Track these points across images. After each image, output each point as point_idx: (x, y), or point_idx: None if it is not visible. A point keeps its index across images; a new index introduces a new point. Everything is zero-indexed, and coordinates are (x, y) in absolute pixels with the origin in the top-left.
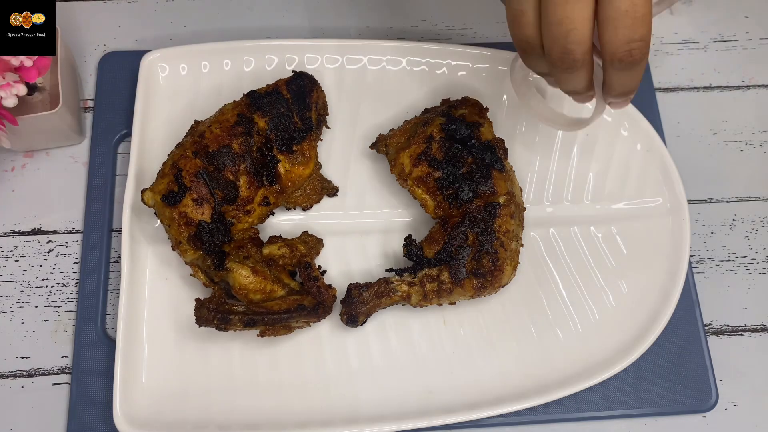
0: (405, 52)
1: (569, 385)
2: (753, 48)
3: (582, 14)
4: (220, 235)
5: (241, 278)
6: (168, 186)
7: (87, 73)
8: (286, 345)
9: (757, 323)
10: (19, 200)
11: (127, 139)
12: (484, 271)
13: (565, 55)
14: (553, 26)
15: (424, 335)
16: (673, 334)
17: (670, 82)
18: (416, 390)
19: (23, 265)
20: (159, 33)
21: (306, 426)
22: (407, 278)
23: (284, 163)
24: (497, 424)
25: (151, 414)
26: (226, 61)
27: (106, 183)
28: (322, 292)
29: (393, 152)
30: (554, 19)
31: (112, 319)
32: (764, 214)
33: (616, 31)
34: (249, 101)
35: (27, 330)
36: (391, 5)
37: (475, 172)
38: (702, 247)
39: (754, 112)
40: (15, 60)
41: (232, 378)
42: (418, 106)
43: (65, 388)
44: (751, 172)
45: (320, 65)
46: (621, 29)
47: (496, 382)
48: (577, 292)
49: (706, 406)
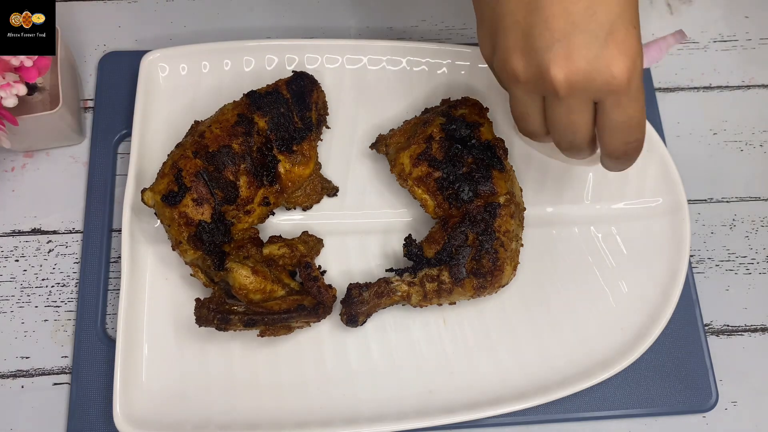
0: (405, 52)
1: (569, 385)
2: (753, 48)
3: (585, 120)
4: (220, 235)
5: (241, 278)
6: (168, 186)
7: (87, 73)
8: (286, 345)
9: (757, 323)
10: (19, 200)
11: (127, 139)
12: (484, 271)
13: (573, 148)
14: (560, 129)
15: (424, 335)
16: (673, 334)
17: (670, 82)
18: (416, 390)
19: (23, 265)
20: (159, 33)
21: (306, 426)
22: (407, 278)
23: (284, 163)
24: (497, 424)
25: (151, 414)
26: (226, 61)
27: (106, 183)
28: (322, 292)
29: (393, 152)
30: (560, 126)
31: (112, 319)
32: (764, 214)
33: (613, 137)
34: (249, 101)
35: (27, 330)
36: (391, 5)
37: (475, 172)
38: (702, 247)
39: (754, 112)
40: (15, 60)
41: (232, 378)
42: (418, 106)
43: (65, 388)
44: (751, 172)
45: (320, 65)
46: (618, 136)
47: (496, 382)
48: (577, 292)
49: (706, 406)
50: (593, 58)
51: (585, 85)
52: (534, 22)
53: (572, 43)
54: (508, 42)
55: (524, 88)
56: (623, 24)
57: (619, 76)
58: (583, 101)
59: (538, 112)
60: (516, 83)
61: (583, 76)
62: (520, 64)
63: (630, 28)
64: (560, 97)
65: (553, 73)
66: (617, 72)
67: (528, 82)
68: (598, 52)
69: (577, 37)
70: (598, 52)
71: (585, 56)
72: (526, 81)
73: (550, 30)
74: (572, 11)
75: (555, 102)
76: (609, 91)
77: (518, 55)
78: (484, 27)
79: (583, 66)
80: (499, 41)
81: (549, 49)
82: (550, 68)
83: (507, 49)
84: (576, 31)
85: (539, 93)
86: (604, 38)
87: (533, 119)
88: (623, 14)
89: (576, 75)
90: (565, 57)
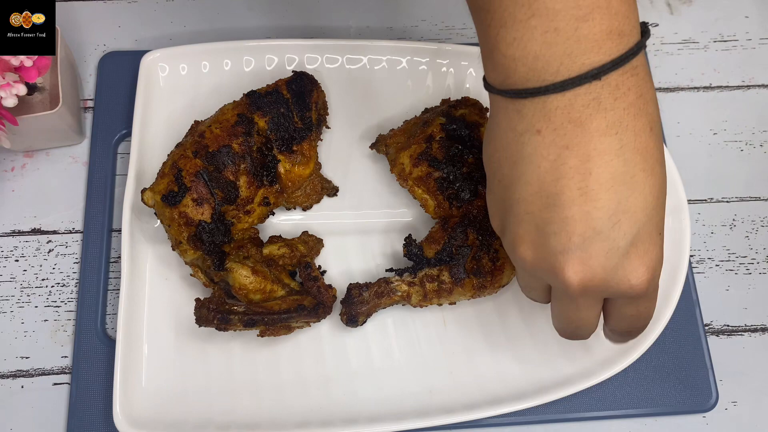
0: (405, 52)
1: (569, 385)
2: (753, 48)
3: (593, 315)
4: (220, 235)
5: (241, 278)
6: (168, 186)
7: (87, 73)
8: (286, 345)
9: (757, 323)
10: (19, 200)
11: (127, 139)
12: (484, 270)
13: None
14: (563, 321)
15: (424, 335)
16: (673, 334)
17: (670, 82)
18: (416, 390)
19: (23, 265)
20: (159, 33)
21: (306, 426)
22: (407, 278)
23: (284, 163)
24: (497, 424)
25: (151, 414)
26: (226, 61)
27: (106, 183)
28: (322, 292)
29: (393, 152)
30: (565, 318)
31: (112, 319)
32: (764, 214)
33: (620, 323)
34: (249, 101)
35: (27, 330)
36: (391, 5)
37: (475, 172)
38: (702, 247)
39: (754, 112)
40: (15, 60)
41: (232, 378)
42: (418, 106)
43: (65, 388)
44: (751, 172)
45: (320, 65)
46: (626, 323)
47: (496, 382)
48: None
49: (706, 406)
50: (612, 268)
51: (600, 290)
52: (550, 220)
53: (591, 250)
54: (519, 230)
55: (532, 273)
56: (648, 233)
57: (637, 286)
58: (593, 299)
59: (545, 296)
60: (523, 268)
61: (599, 283)
62: (529, 255)
63: (654, 236)
64: (569, 296)
65: (567, 276)
66: (636, 283)
67: (536, 271)
68: (618, 263)
69: (596, 245)
70: (618, 262)
71: (603, 266)
72: (534, 270)
73: (568, 233)
74: (594, 217)
75: (563, 297)
76: (623, 296)
77: (529, 246)
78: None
79: (600, 275)
80: (510, 226)
81: (565, 252)
82: (564, 271)
83: (517, 236)
84: (597, 238)
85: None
86: (626, 249)
87: (538, 296)
88: (649, 222)
89: (591, 282)
90: (581, 263)
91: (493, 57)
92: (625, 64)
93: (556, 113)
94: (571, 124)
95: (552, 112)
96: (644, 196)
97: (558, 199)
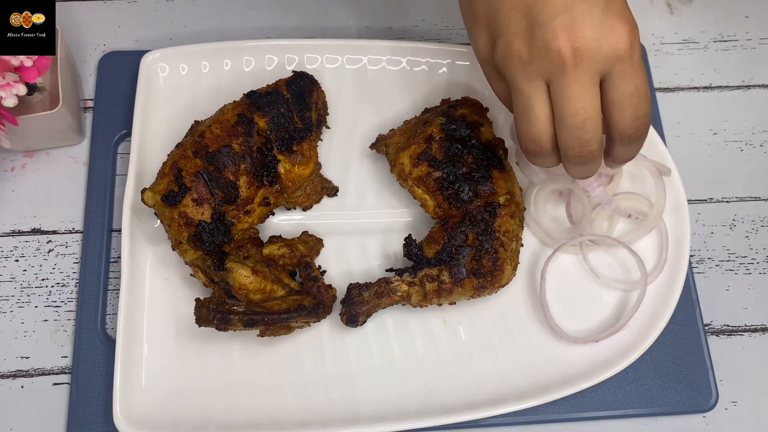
0: (405, 52)
1: (569, 385)
2: (753, 48)
3: (594, 103)
4: (220, 235)
5: (241, 278)
6: (168, 186)
7: (87, 73)
8: (286, 345)
9: (757, 323)
10: (19, 200)
11: (127, 139)
12: (484, 271)
13: (582, 148)
14: (569, 118)
15: (424, 335)
16: (673, 334)
17: (670, 82)
18: (416, 390)
19: (23, 265)
20: (159, 33)
21: (306, 426)
22: (407, 278)
23: (284, 163)
24: (497, 424)
25: (151, 414)
26: (226, 61)
27: (106, 183)
28: (322, 292)
29: (393, 152)
30: (570, 111)
31: (112, 319)
32: (764, 214)
33: (624, 112)
34: (249, 101)
35: (27, 330)
36: (391, 5)
37: (475, 172)
38: (702, 247)
39: (754, 112)
40: (15, 60)
41: (232, 378)
42: (418, 106)
43: (65, 388)
44: (751, 172)
45: (320, 65)
46: (629, 109)
47: (496, 382)
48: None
49: (706, 406)
50: (597, 26)
51: (591, 54)
52: (534, 1)
53: (574, 12)
54: (510, 26)
55: (529, 70)
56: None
57: (623, 41)
58: (589, 76)
59: (543, 104)
60: (521, 68)
61: (589, 43)
62: (524, 45)
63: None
64: (567, 72)
65: (559, 44)
66: (621, 38)
67: (533, 61)
68: (600, 19)
69: (578, 7)
70: (600, 19)
71: (589, 24)
72: (532, 60)
73: (551, 4)
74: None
75: (562, 81)
76: (615, 58)
77: (522, 36)
78: (478, 24)
79: (588, 34)
80: (501, 28)
81: (552, 20)
82: (556, 39)
83: (509, 33)
84: (576, 1)
85: (545, 74)
86: (604, 7)
87: (539, 113)
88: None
89: (582, 42)
90: (569, 26)
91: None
92: None
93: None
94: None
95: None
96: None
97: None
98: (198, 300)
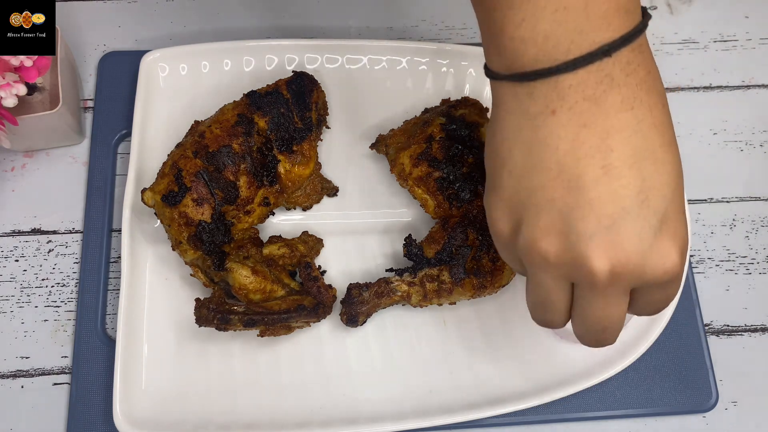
0: (405, 52)
1: (569, 385)
2: (753, 48)
3: (620, 313)
4: (220, 235)
5: (241, 278)
6: (168, 186)
7: (87, 73)
8: (286, 345)
9: (757, 323)
10: (19, 200)
11: (127, 139)
12: (484, 271)
13: (599, 343)
14: (590, 324)
15: (424, 335)
16: (673, 334)
17: (670, 82)
18: (416, 390)
19: (23, 265)
20: (159, 33)
21: (306, 426)
22: (407, 278)
23: (284, 163)
24: (497, 424)
25: (151, 414)
26: (226, 61)
27: (106, 183)
28: (322, 292)
29: (393, 152)
30: (590, 319)
31: (112, 319)
32: (764, 214)
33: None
34: (249, 101)
35: (27, 330)
36: (391, 5)
37: (475, 172)
38: (702, 247)
39: (754, 112)
40: (15, 60)
41: (232, 378)
42: (418, 106)
43: (65, 388)
44: (751, 172)
45: (320, 65)
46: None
47: (496, 382)
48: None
49: (706, 406)
50: (645, 250)
51: (630, 277)
52: (576, 204)
53: (621, 231)
54: (539, 221)
55: (553, 272)
56: (675, 211)
57: (672, 269)
58: (621, 292)
59: (564, 301)
60: (545, 267)
61: (632, 269)
62: (553, 248)
63: (681, 214)
64: (597, 288)
65: (595, 263)
66: (671, 265)
67: (560, 266)
68: (650, 245)
69: (627, 226)
70: (650, 243)
71: (635, 248)
72: (558, 265)
73: (597, 214)
74: (622, 195)
75: (589, 293)
76: (656, 284)
77: (552, 237)
78: (501, 198)
79: (633, 259)
80: (529, 219)
81: (594, 235)
82: (593, 257)
83: (538, 228)
84: (627, 218)
85: (570, 279)
86: (658, 227)
87: (557, 308)
88: (675, 199)
89: (623, 267)
90: (612, 246)
91: (499, 41)
92: (633, 40)
93: (569, 92)
94: (587, 102)
95: (566, 91)
96: (667, 172)
97: (581, 181)
98: (198, 300)
